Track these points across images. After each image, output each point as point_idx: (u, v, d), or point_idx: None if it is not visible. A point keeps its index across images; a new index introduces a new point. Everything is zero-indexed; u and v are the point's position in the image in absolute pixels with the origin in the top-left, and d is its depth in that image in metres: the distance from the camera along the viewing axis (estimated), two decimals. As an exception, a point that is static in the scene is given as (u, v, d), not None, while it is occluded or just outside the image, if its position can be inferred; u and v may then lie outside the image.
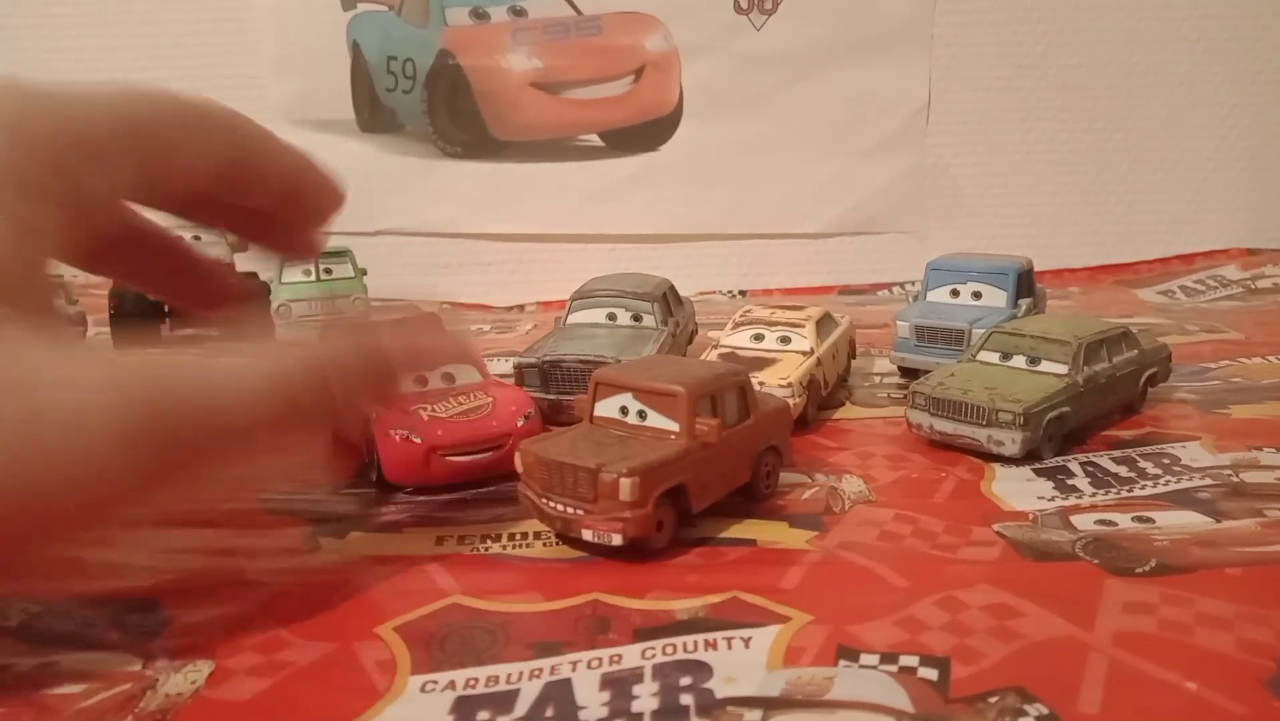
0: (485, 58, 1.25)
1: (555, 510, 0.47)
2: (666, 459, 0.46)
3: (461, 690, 0.35)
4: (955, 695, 0.34)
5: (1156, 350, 0.70)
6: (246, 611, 0.42)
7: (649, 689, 0.35)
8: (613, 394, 0.50)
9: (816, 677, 0.36)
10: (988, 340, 0.66)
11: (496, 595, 0.43)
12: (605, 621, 0.40)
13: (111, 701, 0.35)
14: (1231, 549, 0.46)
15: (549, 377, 0.68)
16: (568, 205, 1.30)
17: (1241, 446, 0.60)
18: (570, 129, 1.29)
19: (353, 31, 1.26)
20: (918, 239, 1.32)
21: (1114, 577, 0.43)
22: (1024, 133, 1.31)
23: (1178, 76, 1.29)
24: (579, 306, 0.77)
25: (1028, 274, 0.81)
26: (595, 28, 1.25)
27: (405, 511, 0.53)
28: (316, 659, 0.38)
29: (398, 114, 1.27)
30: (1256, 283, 1.23)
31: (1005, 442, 0.57)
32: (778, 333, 0.70)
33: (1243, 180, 1.33)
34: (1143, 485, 0.54)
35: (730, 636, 0.38)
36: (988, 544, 0.47)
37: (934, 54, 1.27)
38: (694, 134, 1.29)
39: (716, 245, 1.33)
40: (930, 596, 0.41)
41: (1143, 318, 1.05)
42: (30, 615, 0.42)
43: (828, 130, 1.29)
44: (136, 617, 0.41)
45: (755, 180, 1.31)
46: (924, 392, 0.61)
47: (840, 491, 0.54)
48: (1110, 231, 1.34)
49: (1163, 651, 0.37)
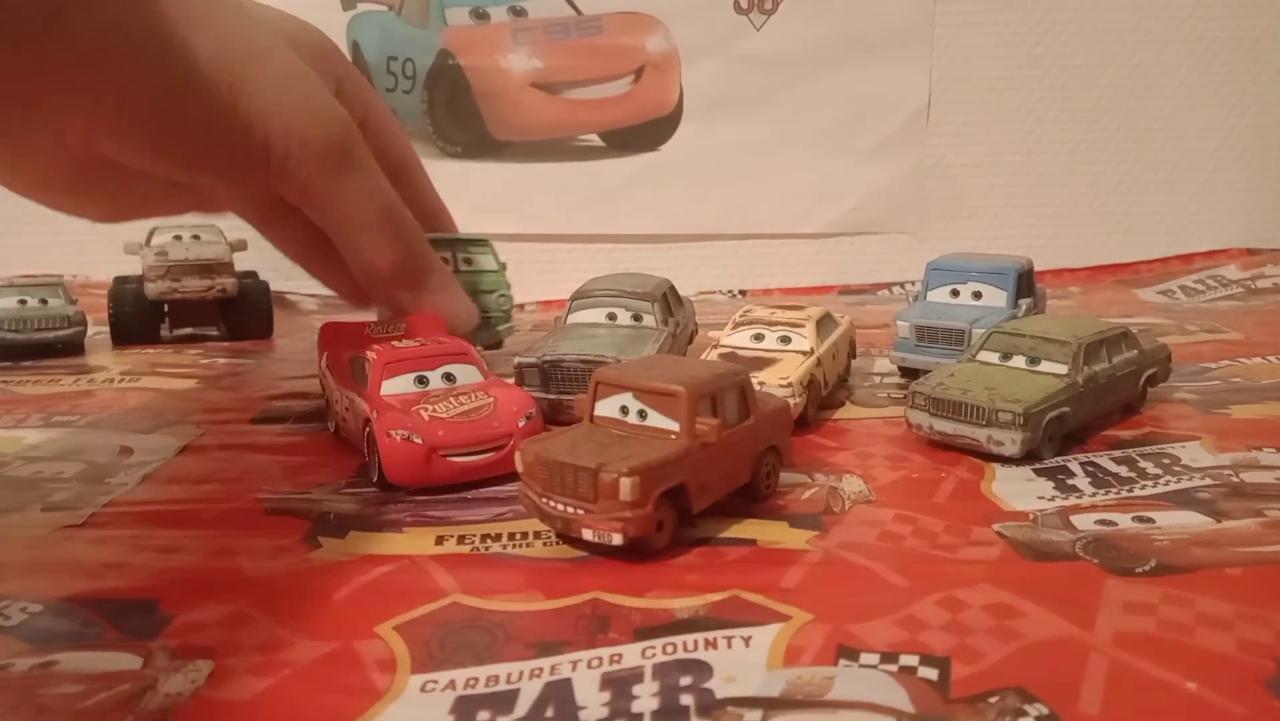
0: (485, 58, 1.25)
1: (555, 510, 0.47)
2: (667, 459, 0.46)
3: (461, 690, 0.35)
4: (955, 695, 0.34)
5: (1156, 350, 0.70)
6: (246, 611, 0.42)
7: (649, 688, 0.35)
8: (613, 393, 0.50)
9: (817, 677, 0.35)
10: (987, 340, 0.66)
11: (496, 594, 0.43)
12: (605, 620, 0.40)
13: (111, 701, 0.35)
14: (1231, 549, 0.46)
15: (549, 377, 0.68)
16: (568, 205, 1.30)
17: (1241, 446, 0.60)
18: (570, 129, 1.29)
19: (353, 31, 1.26)
20: (918, 239, 1.32)
21: (1114, 577, 0.43)
22: (1024, 133, 1.31)
23: (1178, 76, 1.29)
24: (579, 306, 0.77)
25: (1028, 274, 0.81)
26: (595, 28, 1.25)
27: (405, 511, 0.53)
28: (316, 659, 0.38)
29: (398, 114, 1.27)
30: (1256, 282, 1.23)
31: (1005, 443, 0.57)
32: (778, 332, 0.70)
33: (1243, 180, 1.33)
34: (1143, 485, 0.54)
35: (730, 635, 0.38)
36: (988, 544, 0.47)
37: (934, 54, 1.27)
38: (694, 134, 1.30)
39: (716, 245, 1.33)
40: (930, 596, 0.41)
41: (1143, 317, 1.05)
42: (30, 615, 0.42)
43: (828, 130, 1.29)
44: (136, 617, 0.41)
45: (755, 180, 1.31)
46: (924, 393, 0.61)
47: (840, 491, 0.54)
48: (1110, 231, 1.35)
49: (1163, 651, 0.37)
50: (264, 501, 0.55)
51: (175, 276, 1.03)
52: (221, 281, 1.05)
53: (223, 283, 1.05)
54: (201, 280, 1.04)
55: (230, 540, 0.49)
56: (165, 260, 1.03)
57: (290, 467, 0.60)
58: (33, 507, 0.54)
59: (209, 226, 1.08)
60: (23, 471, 0.60)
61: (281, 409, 0.74)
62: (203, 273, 1.04)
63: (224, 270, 1.05)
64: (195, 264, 1.04)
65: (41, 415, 0.73)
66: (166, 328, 1.07)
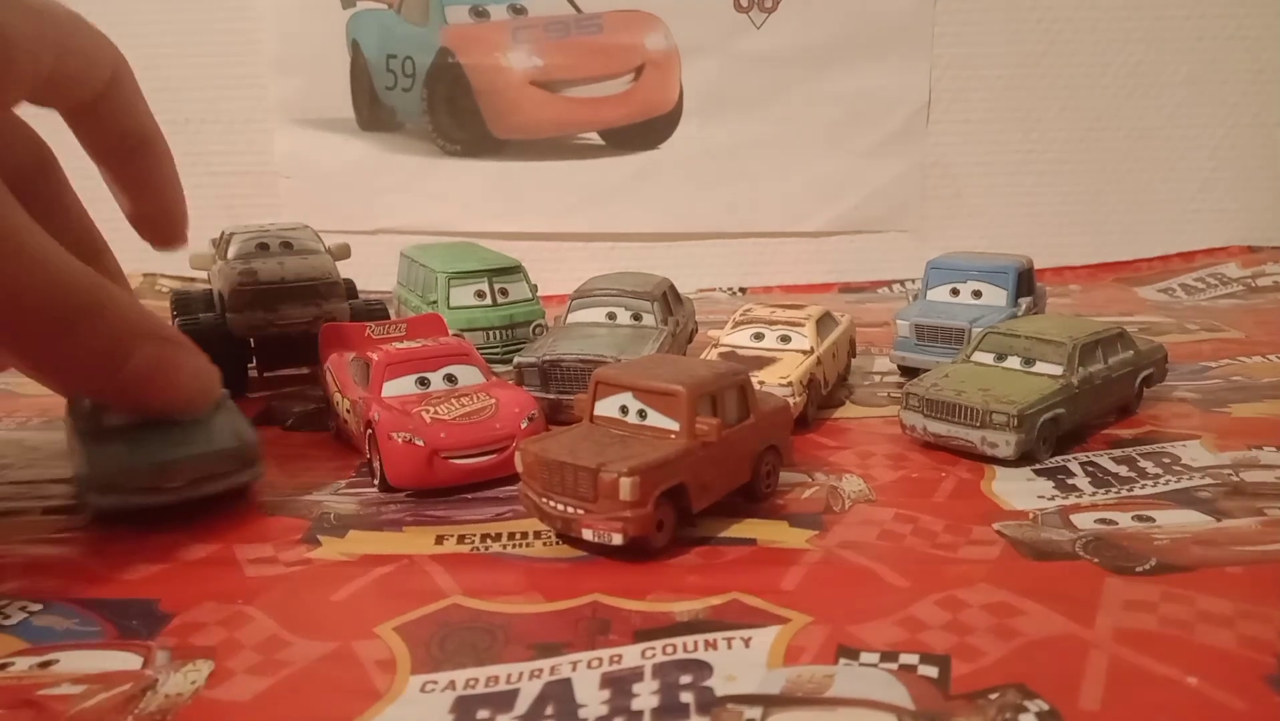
0: (485, 56, 1.25)
1: (555, 510, 0.47)
2: (666, 458, 0.46)
3: (461, 690, 0.35)
4: (955, 692, 0.34)
5: (1152, 351, 0.70)
6: (246, 611, 0.42)
7: (649, 687, 0.35)
8: (613, 393, 0.50)
9: (816, 675, 0.36)
10: (982, 341, 0.66)
11: (496, 595, 0.43)
12: (605, 623, 0.40)
13: (111, 701, 0.35)
14: (1232, 547, 0.46)
15: (549, 377, 0.68)
16: (568, 203, 1.30)
17: (1242, 445, 0.60)
18: (570, 127, 1.29)
19: (352, 30, 1.26)
20: (918, 237, 1.32)
21: (1114, 576, 0.43)
22: (1024, 132, 1.31)
23: (1178, 76, 1.29)
24: (579, 305, 0.77)
25: (1028, 273, 0.81)
26: (595, 26, 1.25)
27: (405, 511, 0.53)
28: (316, 659, 0.38)
29: (397, 112, 1.27)
30: (1257, 281, 1.23)
31: (999, 444, 0.57)
32: (778, 331, 0.70)
33: (1243, 179, 1.33)
34: (1143, 484, 0.54)
35: (730, 636, 0.38)
36: (988, 543, 0.47)
37: (934, 53, 1.27)
38: (694, 132, 1.29)
39: (716, 243, 1.33)
40: (930, 595, 0.41)
41: (1143, 316, 1.05)
42: (30, 614, 0.42)
43: (828, 129, 1.29)
44: (136, 617, 0.41)
45: (755, 178, 1.31)
46: (917, 394, 0.61)
47: (840, 490, 0.55)
48: (1110, 229, 1.34)
49: (1164, 648, 0.37)
50: (264, 501, 0.55)
51: (269, 304, 0.74)
52: (330, 307, 0.76)
53: (331, 309, 0.76)
54: (305, 307, 0.75)
55: (230, 540, 0.49)
56: (254, 281, 0.74)
57: (290, 468, 0.60)
58: (34, 509, 0.54)
59: (299, 228, 0.81)
60: (24, 473, 0.60)
61: (281, 409, 0.74)
62: (305, 297, 0.75)
63: (331, 292, 0.77)
64: (294, 285, 0.75)
65: (43, 417, 0.73)
66: (255, 367, 0.79)
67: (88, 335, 0.47)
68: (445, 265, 0.82)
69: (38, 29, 0.47)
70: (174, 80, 1.18)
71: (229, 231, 0.80)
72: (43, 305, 0.45)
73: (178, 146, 0.60)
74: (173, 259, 0.72)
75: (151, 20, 1.21)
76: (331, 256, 0.80)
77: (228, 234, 0.80)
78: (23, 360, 0.49)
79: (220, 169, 1.25)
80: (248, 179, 1.26)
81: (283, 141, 1.26)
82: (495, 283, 0.81)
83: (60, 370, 0.49)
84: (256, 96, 1.24)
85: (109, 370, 0.48)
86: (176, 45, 1.22)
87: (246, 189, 1.26)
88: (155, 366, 0.50)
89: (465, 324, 0.78)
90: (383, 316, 0.82)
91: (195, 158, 1.22)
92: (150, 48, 1.24)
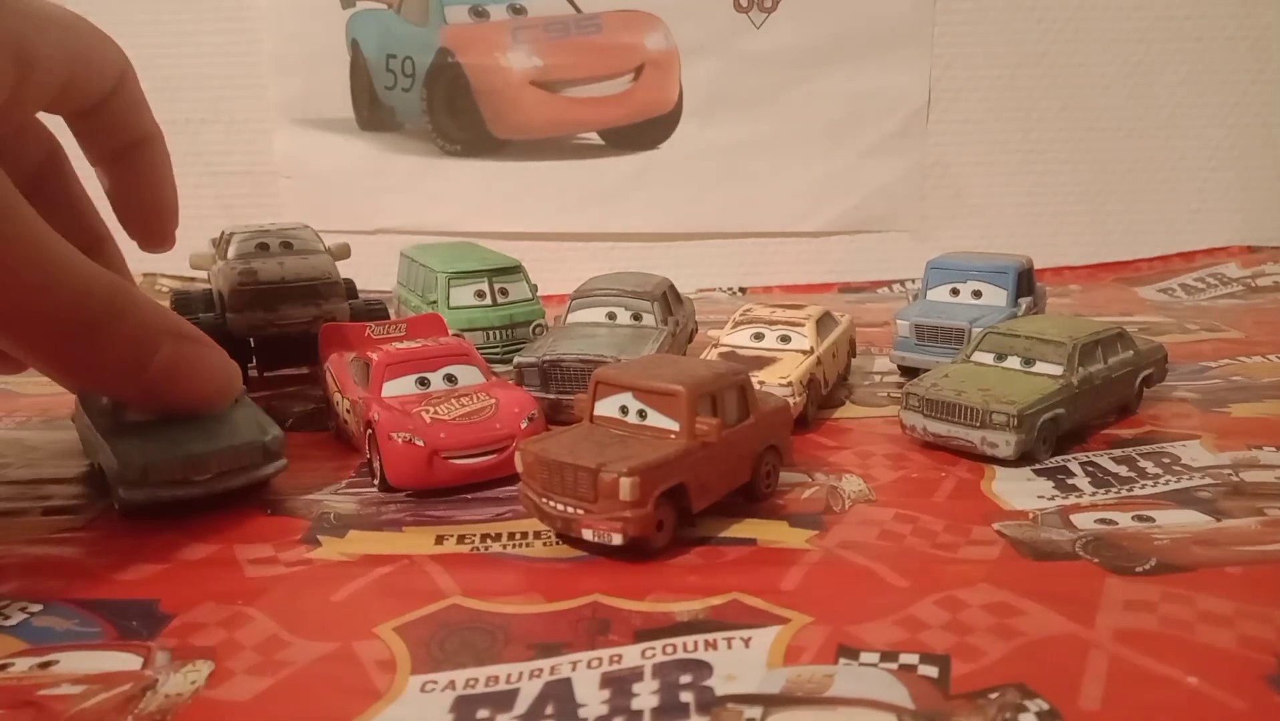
0: (485, 56, 1.25)
1: (555, 510, 0.47)
2: (666, 458, 0.46)
3: (461, 690, 0.35)
4: (955, 692, 0.34)
5: (1152, 351, 0.70)
6: (246, 612, 0.42)
7: (649, 686, 0.35)
8: (613, 393, 0.50)
9: (816, 675, 0.36)
10: (982, 341, 0.66)
11: (496, 595, 0.43)
12: (605, 623, 0.40)
13: (111, 701, 0.35)
14: (1232, 547, 0.46)
15: (549, 377, 0.68)
16: (567, 203, 1.30)
17: (1241, 445, 0.60)
18: (570, 127, 1.29)
19: (352, 30, 1.26)
20: (918, 237, 1.32)
21: (1114, 576, 0.43)
22: (1024, 132, 1.31)
23: (1178, 76, 1.29)
24: (579, 305, 0.77)
25: (1028, 272, 0.81)
26: (595, 26, 1.25)
27: (405, 511, 0.53)
28: (316, 659, 0.38)
29: (397, 112, 1.27)
30: (1257, 280, 1.23)
31: (999, 445, 0.57)
32: (778, 331, 0.70)
33: (1243, 179, 1.33)
34: (1143, 484, 0.54)
35: (730, 636, 0.38)
36: (988, 543, 0.47)
37: (934, 53, 1.27)
38: (694, 132, 1.29)
39: (716, 243, 1.33)
40: (930, 595, 0.41)
41: (1143, 316, 1.05)
42: (30, 615, 0.42)
43: (828, 128, 1.29)
44: (136, 617, 0.41)
45: (755, 178, 1.31)
46: (917, 394, 0.61)
47: (840, 490, 0.54)
48: (1110, 229, 1.34)
49: (1164, 647, 0.37)
50: (264, 501, 0.55)
51: (269, 304, 0.75)
52: (330, 307, 0.77)
53: (331, 309, 0.77)
54: (304, 307, 0.76)
55: (230, 540, 0.49)
56: (254, 281, 0.75)
57: (290, 468, 0.60)
58: (34, 509, 0.54)
59: (299, 228, 0.82)
60: (24, 473, 0.60)
61: (281, 409, 0.74)
62: (305, 297, 0.76)
63: (331, 292, 0.77)
64: (294, 285, 0.76)
65: (43, 417, 0.73)
66: (255, 367, 0.79)
67: (112, 338, 0.47)
68: (445, 265, 0.82)
69: (56, 40, 0.47)
70: (174, 80, 1.18)
71: (229, 231, 0.80)
72: (68, 311, 0.46)
73: (177, 146, 0.60)
74: (173, 259, 0.71)
75: (151, 20, 1.21)
76: (331, 256, 0.80)
77: (228, 234, 0.80)
78: (49, 364, 0.49)
79: (220, 169, 1.25)
80: (247, 179, 1.26)
81: (282, 141, 1.26)
82: (495, 283, 0.81)
83: (86, 373, 0.49)
84: (256, 96, 1.24)
85: (134, 371, 0.49)
86: (176, 45, 1.22)
87: (246, 189, 1.26)
88: (178, 364, 0.50)
89: (465, 324, 0.78)
90: (383, 316, 0.82)
91: (195, 158, 1.22)
92: (150, 48, 1.25)
